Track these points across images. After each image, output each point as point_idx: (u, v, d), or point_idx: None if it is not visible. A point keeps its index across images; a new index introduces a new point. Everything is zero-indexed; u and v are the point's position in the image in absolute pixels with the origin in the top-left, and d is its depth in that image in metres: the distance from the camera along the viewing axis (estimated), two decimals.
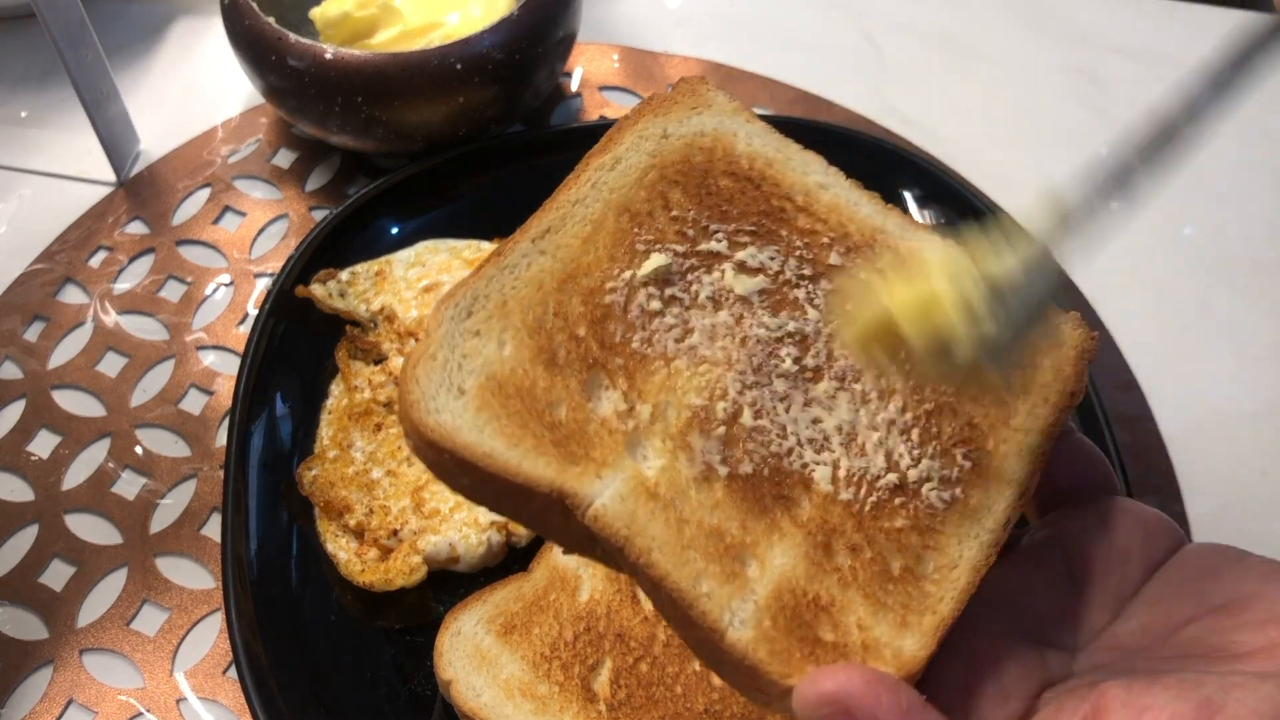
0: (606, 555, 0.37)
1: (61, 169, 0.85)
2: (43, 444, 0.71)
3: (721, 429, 0.38)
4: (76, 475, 0.69)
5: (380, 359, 0.70)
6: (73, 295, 0.78)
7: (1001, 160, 0.87)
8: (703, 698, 0.56)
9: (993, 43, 0.96)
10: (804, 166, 0.45)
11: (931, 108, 0.91)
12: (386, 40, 0.80)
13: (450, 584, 0.63)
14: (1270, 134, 0.90)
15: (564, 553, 0.39)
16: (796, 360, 0.40)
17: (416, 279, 0.73)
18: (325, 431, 0.68)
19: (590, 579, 0.60)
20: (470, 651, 0.57)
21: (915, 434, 0.39)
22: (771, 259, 0.42)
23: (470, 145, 0.79)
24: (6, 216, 0.83)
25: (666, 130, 0.44)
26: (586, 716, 0.55)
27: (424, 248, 0.75)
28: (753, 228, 0.42)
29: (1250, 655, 0.34)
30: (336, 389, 0.70)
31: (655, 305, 0.40)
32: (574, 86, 0.91)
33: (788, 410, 0.39)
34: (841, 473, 0.38)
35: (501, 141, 0.80)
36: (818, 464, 0.38)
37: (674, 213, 0.42)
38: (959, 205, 0.77)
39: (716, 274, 0.41)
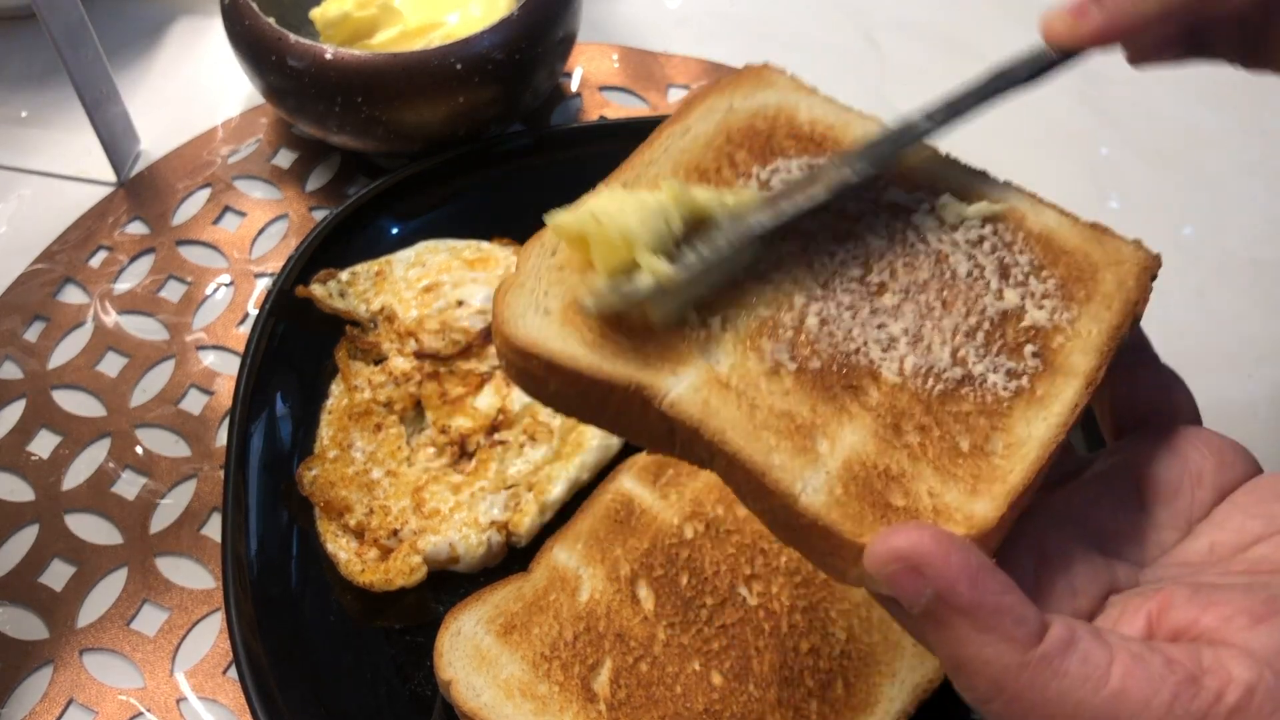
0: (683, 446, 0.40)
1: (61, 169, 0.85)
2: (43, 444, 0.71)
3: (790, 333, 0.41)
4: (76, 475, 0.69)
5: (380, 359, 0.70)
6: (73, 295, 0.78)
7: (1001, 160, 0.86)
8: (703, 698, 0.56)
9: (993, 43, 0.96)
10: (864, 127, 0.48)
11: None
12: (386, 40, 0.80)
13: (450, 584, 0.63)
14: (1270, 134, 0.90)
15: (647, 452, 0.41)
16: (861, 279, 0.42)
17: (416, 279, 0.73)
18: (325, 431, 0.68)
19: (590, 579, 0.60)
20: (470, 651, 0.57)
21: (980, 335, 0.41)
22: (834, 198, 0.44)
23: (470, 145, 0.79)
24: (6, 216, 0.83)
25: (733, 104, 0.48)
26: (586, 716, 0.55)
27: (424, 248, 0.75)
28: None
29: None
30: (336, 389, 0.70)
31: None
32: (574, 86, 0.91)
33: (854, 317, 0.41)
34: (908, 366, 0.40)
35: (501, 141, 0.80)
36: (884, 359, 0.40)
37: (739, 168, 0.46)
38: None
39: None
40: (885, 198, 0.45)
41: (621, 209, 0.40)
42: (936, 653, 0.34)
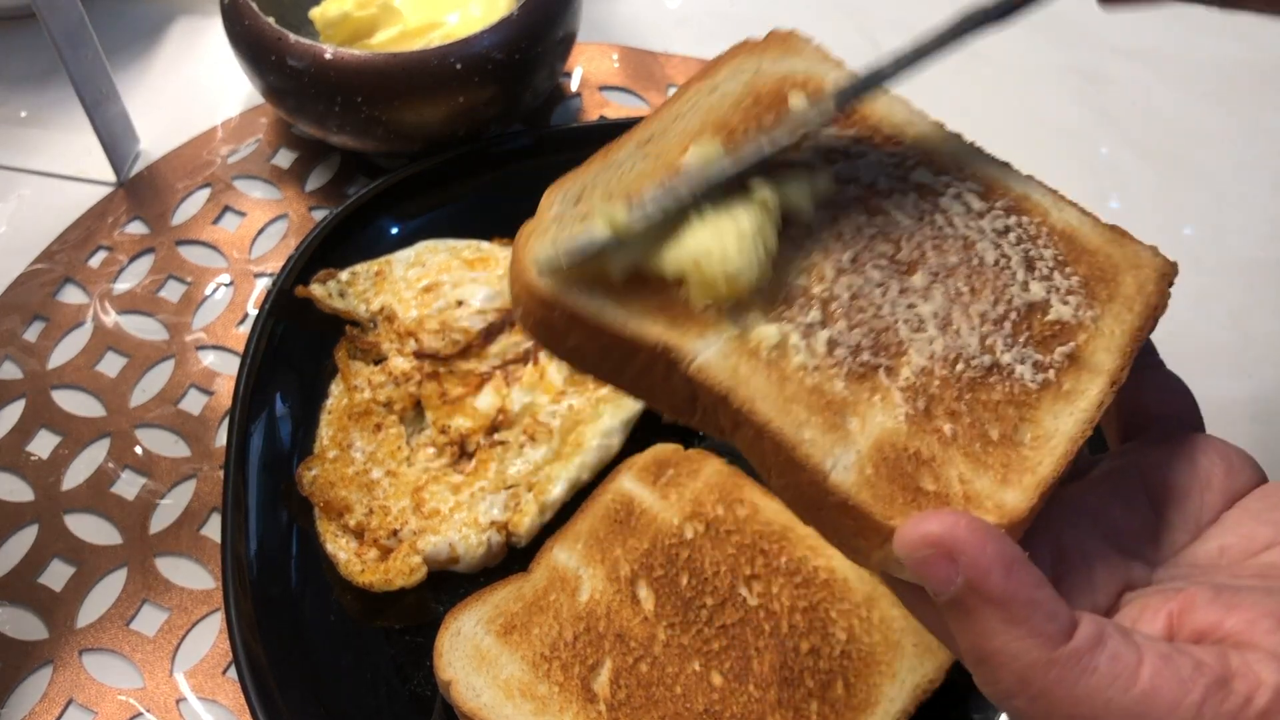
0: (705, 414, 0.39)
1: (61, 169, 0.85)
2: (42, 444, 0.71)
3: (820, 304, 0.40)
4: (76, 475, 0.69)
5: (380, 359, 0.70)
6: (72, 295, 0.78)
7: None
8: (703, 698, 0.56)
9: (993, 43, 0.96)
10: (889, 106, 0.48)
11: (931, 108, 0.90)
12: (386, 40, 0.80)
13: (450, 584, 0.63)
14: (1270, 134, 0.90)
15: (664, 418, 0.41)
16: (891, 256, 0.42)
17: (416, 279, 0.73)
18: (325, 431, 0.68)
19: (590, 579, 0.60)
20: (470, 652, 0.57)
21: (1008, 325, 0.41)
22: (862, 173, 0.44)
23: (470, 145, 0.79)
24: (6, 216, 0.83)
25: (761, 67, 0.48)
26: (586, 716, 0.55)
27: (424, 248, 0.75)
28: (844, 147, 0.45)
29: None
30: (336, 389, 0.70)
31: None
32: (574, 86, 0.91)
33: (884, 294, 0.41)
34: (938, 349, 0.40)
35: (501, 141, 0.80)
36: (914, 340, 0.40)
37: (766, 131, 0.44)
38: None
39: (814, 180, 0.43)
40: (913, 178, 0.44)
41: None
42: (959, 642, 0.34)
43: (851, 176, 0.44)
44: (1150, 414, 0.42)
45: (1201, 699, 0.31)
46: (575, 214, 0.40)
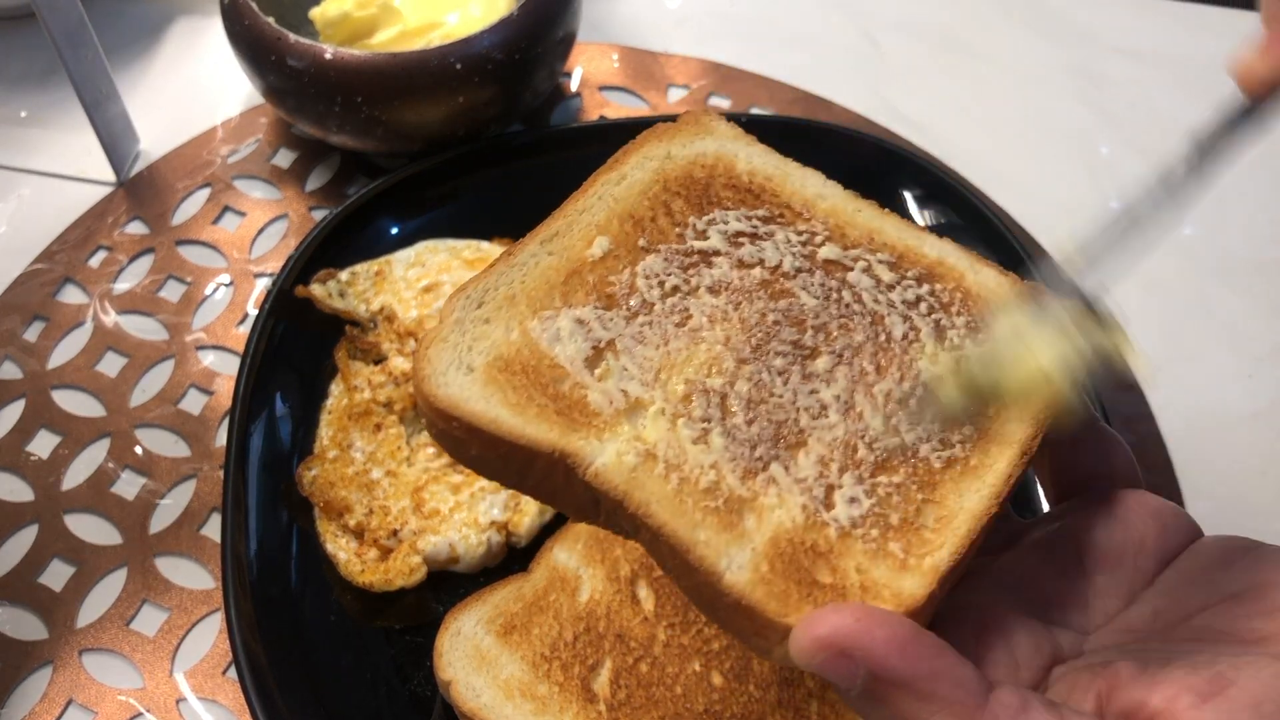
0: (608, 516, 0.39)
1: (61, 169, 0.85)
2: (42, 444, 0.71)
3: (719, 398, 0.40)
4: (76, 475, 0.69)
5: (380, 359, 0.70)
6: (72, 295, 0.78)
7: (1001, 160, 0.87)
8: (703, 698, 0.56)
9: (993, 43, 0.96)
10: (802, 180, 0.47)
11: (931, 108, 0.91)
12: (386, 40, 0.80)
13: (450, 584, 0.63)
14: (1270, 134, 0.90)
15: (570, 520, 0.41)
16: (795, 341, 0.41)
17: (416, 279, 0.73)
18: (325, 431, 0.68)
19: (590, 579, 0.60)
20: (470, 652, 0.57)
21: (913, 402, 0.40)
22: (768, 255, 0.44)
23: (470, 145, 0.79)
24: (6, 216, 0.83)
25: (670, 152, 0.47)
26: (586, 717, 0.55)
27: (424, 248, 0.75)
28: (751, 230, 0.45)
29: (1263, 640, 0.34)
30: (336, 389, 0.70)
31: (655, 295, 0.42)
32: (574, 86, 0.91)
33: (785, 383, 0.40)
34: (839, 433, 0.39)
35: (501, 141, 0.80)
36: (814, 428, 0.39)
37: (675, 218, 0.45)
38: (959, 205, 0.77)
39: (716, 268, 0.43)
40: (821, 254, 0.44)
41: None
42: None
43: (757, 260, 0.43)
44: (1084, 474, 0.42)
45: None
46: (477, 317, 0.41)
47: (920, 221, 0.77)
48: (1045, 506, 0.44)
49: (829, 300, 0.42)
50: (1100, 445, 0.42)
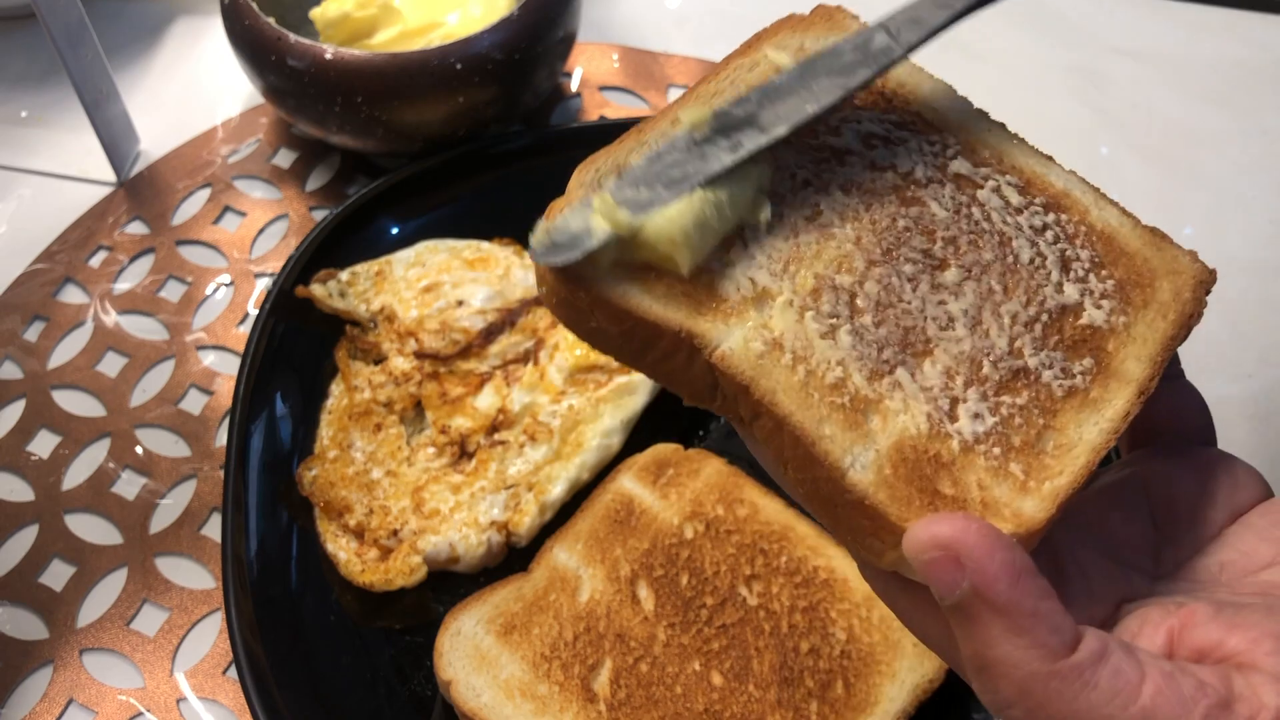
0: (726, 401, 0.39)
1: (61, 169, 0.85)
2: (42, 444, 0.71)
3: (848, 296, 0.39)
4: (76, 475, 0.69)
5: (380, 359, 0.70)
6: (73, 295, 0.78)
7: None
8: (703, 698, 0.56)
9: (993, 43, 0.96)
10: (933, 90, 0.46)
11: None
12: (386, 40, 0.80)
13: (450, 584, 0.63)
14: (1270, 134, 0.90)
15: (685, 402, 0.41)
16: (924, 250, 0.41)
17: (416, 279, 0.73)
18: (325, 431, 0.68)
19: (590, 579, 0.60)
20: (470, 652, 0.57)
21: (1039, 327, 0.40)
22: (900, 161, 0.43)
23: (470, 145, 0.79)
24: (6, 216, 0.83)
25: (804, 44, 0.46)
26: (586, 716, 0.55)
27: (424, 248, 0.75)
28: (884, 133, 0.44)
29: None
30: (336, 389, 0.70)
31: (786, 187, 0.41)
32: (574, 86, 0.91)
33: (914, 290, 0.40)
34: (965, 348, 0.39)
35: (501, 141, 0.80)
36: (941, 339, 0.39)
37: None
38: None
39: (848, 167, 0.43)
40: (952, 168, 0.44)
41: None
42: (962, 648, 0.34)
43: (889, 164, 0.43)
44: (1163, 425, 0.42)
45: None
46: None
47: None
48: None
49: (959, 214, 0.42)
50: (1177, 398, 0.42)
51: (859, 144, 0.43)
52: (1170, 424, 0.42)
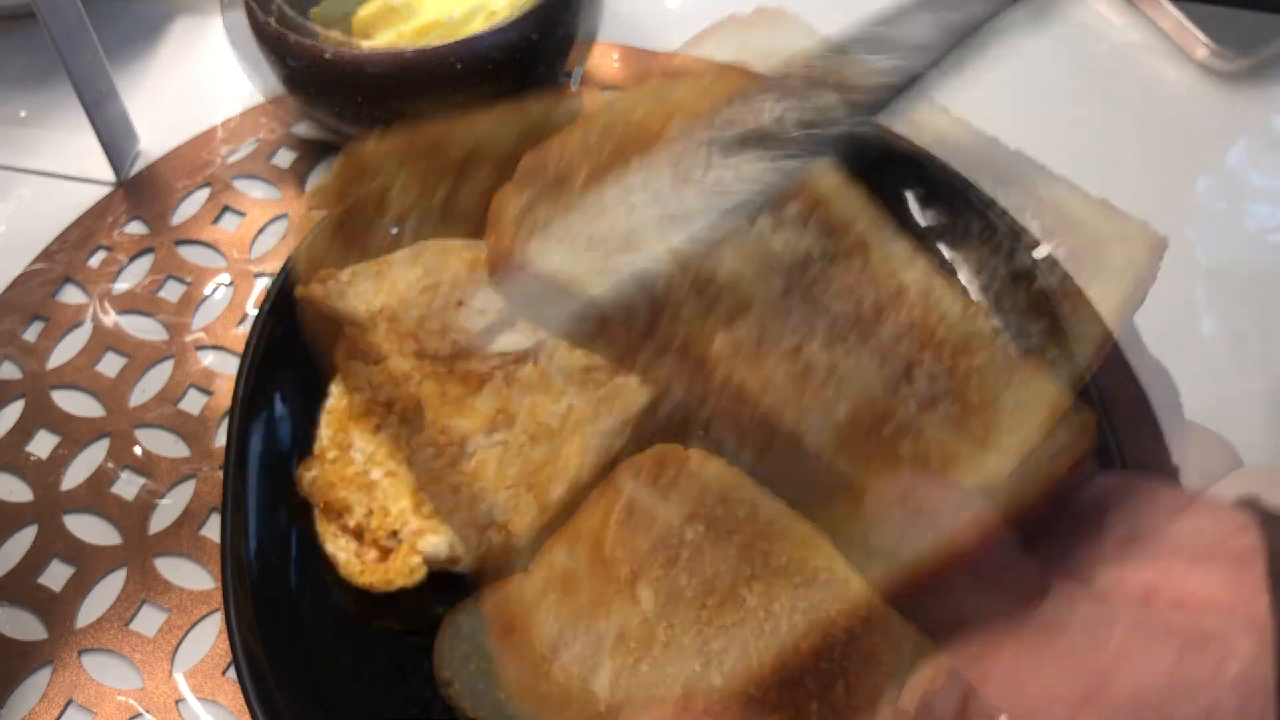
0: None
1: (61, 169, 0.85)
2: (41, 444, 0.71)
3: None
4: (75, 475, 0.69)
5: (380, 359, 0.70)
6: (72, 295, 0.78)
7: (1002, 160, 0.86)
8: (703, 698, 0.56)
9: (992, 42, 0.96)
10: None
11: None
12: (386, 40, 0.80)
13: (450, 584, 0.63)
14: (1270, 134, 0.90)
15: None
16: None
17: (416, 279, 0.72)
18: (325, 432, 0.68)
19: (590, 580, 0.60)
20: (470, 652, 0.57)
21: (992, 294, 0.42)
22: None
23: None
24: (5, 216, 0.83)
25: (745, 41, 0.48)
26: (586, 716, 0.55)
27: (424, 248, 0.74)
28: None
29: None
30: (336, 389, 0.70)
31: None
32: (574, 86, 0.91)
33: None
34: (917, 313, 0.40)
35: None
36: (894, 302, 0.40)
37: None
38: (959, 205, 0.77)
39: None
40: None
41: None
42: (928, 604, 0.34)
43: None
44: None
45: (1175, 662, 0.30)
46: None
47: (921, 221, 0.77)
48: None
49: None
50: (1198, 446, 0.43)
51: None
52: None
